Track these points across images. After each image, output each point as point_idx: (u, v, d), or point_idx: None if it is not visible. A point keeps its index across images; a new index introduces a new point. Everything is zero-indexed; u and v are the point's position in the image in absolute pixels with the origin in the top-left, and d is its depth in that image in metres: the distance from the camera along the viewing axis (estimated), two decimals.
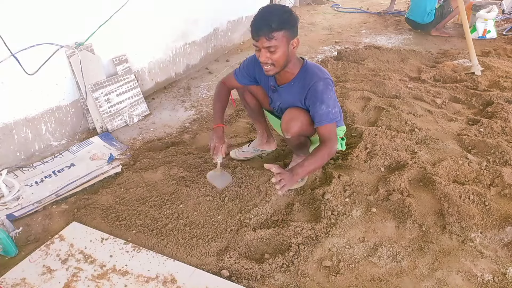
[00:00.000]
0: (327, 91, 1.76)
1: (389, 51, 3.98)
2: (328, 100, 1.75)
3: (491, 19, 4.46)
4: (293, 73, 1.83)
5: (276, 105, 1.99)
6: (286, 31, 1.65)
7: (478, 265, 1.61)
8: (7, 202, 1.99)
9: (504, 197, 1.94)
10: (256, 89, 2.06)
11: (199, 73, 3.76)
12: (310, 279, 1.57)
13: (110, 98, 2.73)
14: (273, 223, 1.87)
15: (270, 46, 1.64)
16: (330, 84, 1.80)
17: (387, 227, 1.82)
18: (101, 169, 2.28)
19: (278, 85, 1.90)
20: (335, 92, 1.84)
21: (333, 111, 1.77)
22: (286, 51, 1.69)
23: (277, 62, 1.71)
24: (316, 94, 1.75)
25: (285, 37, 1.65)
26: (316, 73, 1.79)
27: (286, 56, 1.71)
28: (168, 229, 1.82)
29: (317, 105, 1.75)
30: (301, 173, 1.73)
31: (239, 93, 2.15)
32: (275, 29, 1.61)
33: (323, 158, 1.76)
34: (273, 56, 1.68)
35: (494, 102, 2.83)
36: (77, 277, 1.58)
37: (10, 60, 2.14)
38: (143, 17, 3.02)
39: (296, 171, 1.70)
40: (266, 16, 1.64)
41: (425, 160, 2.20)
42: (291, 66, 1.80)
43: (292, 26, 1.67)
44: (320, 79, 1.77)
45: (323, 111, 1.75)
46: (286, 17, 1.64)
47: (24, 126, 2.33)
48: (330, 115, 1.76)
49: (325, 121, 1.76)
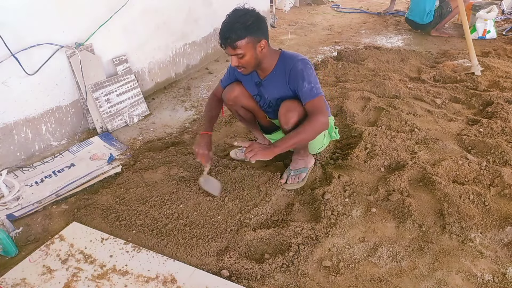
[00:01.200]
0: (306, 68, 1.82)
1: (389, 51, 3.98)
2: (308, 76, 1.80)
3: (491, 19, 4.46)
4: (272, 65, 1.89)
5: (266, 100, 2.02)
6: (250, 37, 1.71)
7: (478, 265, 1.61)
8: (7, 202, 1.99)
9: (504, 197, 1.94)
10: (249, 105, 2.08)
11: (199, 73, 3.76)
12: (310, 279, 1.57)
13: (110, 98, 2.73)
14: (273, 223, 1.87)
15: (237, 53, 1.73)
16: (308, 63, 1.85)
17: (387, 227, 1.82)
18: (101, 169, 2.28)
19: (262, 79, 1.95)
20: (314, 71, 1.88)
21: (316, 86, 1.81)
22: (253, 54, 1.77)
23: (248, 65, 1.80)
24: (297, 74, 1.81)
25: (249, 43, 1.73)
26: (293, 57, 1.87)
27: (255, 59, 1.79)
28: (168, 229, 1.82)
29: (300, 83, 1.80)
30: (280, 145, 1.76)
31: (232, 111, 2.17)
32: (237, 39, 1.69)
33: (305, 131, 1.76)
34: (242, 61, 1.77)
35: (494, 102, 2.83)
36: (77, 277, 1.58)
37: (10, 60, 2.14)
38: (143, 17, 3.02)
39: (276, 143, 1.75)
40: (229, 26, 1.70)
41: (425, 160, 2.20)
42: (268, 61, 1.87)
43: (256, 31, 1.73)
44: (298, 60, 1.83)
45: (306, 88, 1.79)
46: (248, 24, 1.70)
47: (24, 126, 2.33)
48: (314, 90, 1.79)
49: (309, 97, 1.79)
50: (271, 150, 1.75)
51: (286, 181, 2.07)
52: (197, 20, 3.64)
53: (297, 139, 1.77)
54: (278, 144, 1.76)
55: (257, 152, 1.72)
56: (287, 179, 2.07)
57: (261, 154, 1.73)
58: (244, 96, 2.05)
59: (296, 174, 2.08)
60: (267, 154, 1.75)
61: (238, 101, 2.05)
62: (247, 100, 2.07)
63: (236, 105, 2.08)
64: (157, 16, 3.16)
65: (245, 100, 2.06)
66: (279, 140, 1.78)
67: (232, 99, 2.05)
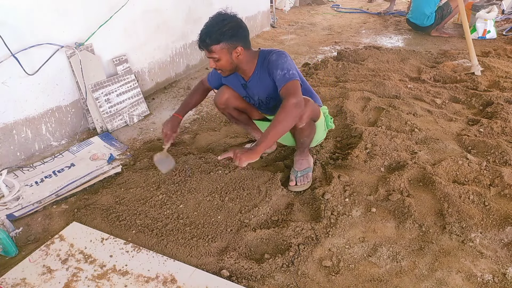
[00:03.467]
0: (280, 58, 1.84)
1: (389, 51, 3.98)
2: (282, 64, 1.82)
3: (491, 20, 4.46)
4: (252, 67, 1.92)
5: (256, 100, 2.05)
6: (225, 43, 1.75)
7: (478, 265, 1.61)
8: (7, 202, 1.99)
9: (504, 197, 1.94)
10: (241, 105, 2.11)
11: (199, 73, 3.76)
12: (310, 279, 1.57)
13: (110, 98, 2.73)
14: (273, 223, 1.87)
15: (212, 57, 1.79)
16: (283, 53, 1.88)
17: (387, 227, 1.82)
18: (101, 169, 2.28)
19: (246, 80, 1.98)
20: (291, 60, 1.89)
21: (290, 72, 1.81)
22: (229, 60, 1.81)
23: (224, 68, 1.84)
24: (272, 64, 1.84)
25: (224, 48, 1.76)
26: (269, 51, 1.91)
27: (230, 64, 1.83)
28: (168, 229, 1.82)
29: (274, 72, 1.83)
30: (262, 142, 1.69)
31: (226, 114, 2.20)
32: (212, 43, 1.74)
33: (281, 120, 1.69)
34: (218, 64, 1.82)
35: (494, 102, 2.83)
36: (77, 277, 1.58)
37: (10, 60, 2.14)
38: (143, 17, 3.02)
39: (257, 141, 1.71)
40: (206, 30, 1.76)
41: (425, 160, 2.20)
42: (247, 64, 1.90)
43: (232, 37, 1.76)
44: (273, 52, 1.87)
45: (280, 75, 1.81)
46: (224, 30, 1.73)
47: (24, 126, 2.33)
48: (286, 76, 1.80)
49: (282, 83, 1.80)
50: (255, 150, 1.68)
51: (296, 183, 2.07)
52: (197, 20, 3.64)
53: (276, 130, 1.69)
54: (260, 142, 1.70)
55: (241, 157, 1.67)
56: (297, 181, 2.07)
57: (246, 157, 1.67)
58: (235, 98, 2.08)
59: (303, 174, 2.08)
60: (253, 155, 1.68)
61: (229, 103, 2.08)
62: (238, 101, 2.10)
63: (228, 108, 2.11)
64: (157, 16, 3.16)
65: (236, 101, 2.09)
66: (260, 138, 1.73)
67: (223, 102, 2.07)
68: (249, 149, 1.69)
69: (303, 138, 1.99)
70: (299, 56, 4.26)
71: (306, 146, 2.07)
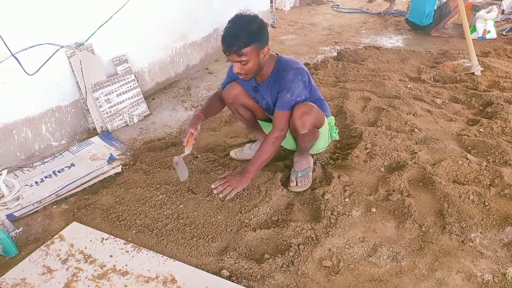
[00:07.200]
0: (295, 80, 1.83)
1: (389, 52, 3.98)
2: (294, 89, 1.83)
3: (491, 20, 4.46)
4: (268, 72, 1.91)
5: (264, 104, 2.05)
6: (255, 44, 1.71)
7: (478, 265, 1.61)
8: (7, 202, 1.99)
9: (504, 197, 1.94)
10: (248, 103, 2.11)
11: (199, 73, 3.76)
12: (310, 279, 1.57)
13: (110, 98, 2.73)
14: (273, 223, 1.87)
15: (241, 60, 1.73)
16: (301, 73, 1.86)
17: (387, 227, 1.82)
18: (101, 169, 2.28)
19: (258, 84, 1.98)
20: (307, 81, 1.89)
21: (297, 99, 1.83)
22: (257, 61, 1.78)
23: (250, 71, 1.80)
24: (286, 83, 1.83)
25: (254, 50, 1.73)
26: (288, 64, 1.87)
27: (257, 65, 1.80)
28: (168, 229, 1.82)
29: (284, 92, 1.84)
30: (251, 170, 1.86)
31: (232, 110, 2.19)
32: (243, 46, 1.69)
33: (264, 151, 1.86)
34: (245, 67, 1.77)
35: (494, 103, 2.83)
36: (77, 277, 1.58)
37: (10, 60, 2.14)
38: (143, 17, 3.02)
39: (247, 168, 1.85)
40: (234, 33, 1.69)
41: (425, 160, 2.20)
42: (267, 67, 1.89)
43: (261, 37, 1.74)
44: (291, 69, 1.84)
45: (287, 98, 1.83)
46: (253, 31, 1.70)
47: (24, 126, 2.33)
48: (292, 103, 1.83)
49: (284, 107, 1.84)
50: (246, 177, 1.85)
51: (297, 184, 2.07)
52: (197, 20, 3.64)
53: (262, 159, 1.86)
54: (248, 169, 1.86)
55: (233, 185, 1.83)
56: (297, 182, 2.07)
57: (238, 185, 1.84)
58: (244, 95, 2.07)
59: (304, 174, 2.09)
60: (243, 183, 1.86)
61: (237, 99, 2.07)
62: (246, 99, 2.08)
63: (235, 103, 2.10)
64: (157, 16, 3.16)
65: (245, 98, 2.08)
66: (248, 165, 1.87)
67: (232, 97, 2.06)
68: (239, 177, 1.84)
69: (305, 143, 2.00)
70: (299, 56, 4.26)
71: (307, 150, 2.08)
